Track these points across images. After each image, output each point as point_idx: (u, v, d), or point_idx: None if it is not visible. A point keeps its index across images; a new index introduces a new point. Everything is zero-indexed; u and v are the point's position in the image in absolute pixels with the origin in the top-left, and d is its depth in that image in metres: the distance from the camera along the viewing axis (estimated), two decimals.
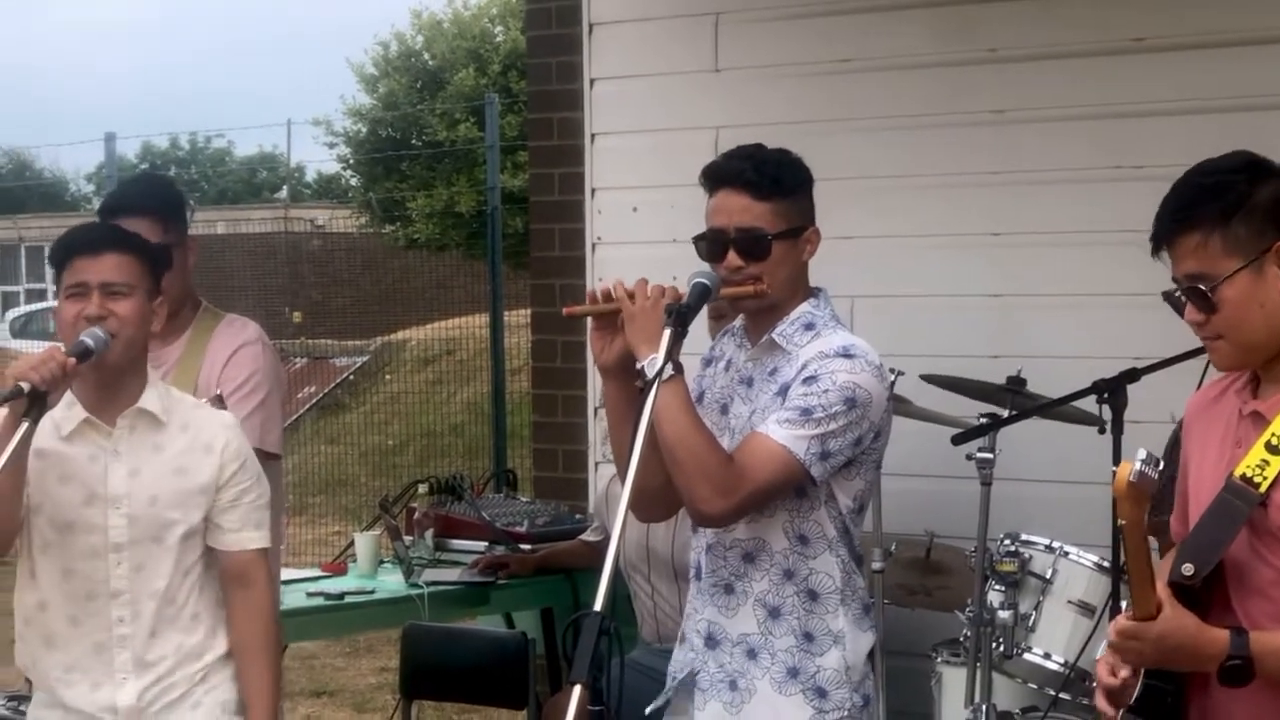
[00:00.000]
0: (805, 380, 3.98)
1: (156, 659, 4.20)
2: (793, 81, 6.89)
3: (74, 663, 4.20)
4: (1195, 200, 3.28)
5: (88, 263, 4.14)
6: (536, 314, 7.93)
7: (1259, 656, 3.14)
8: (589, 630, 3.29)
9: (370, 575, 6.83)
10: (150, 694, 4.20)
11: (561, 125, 7.60)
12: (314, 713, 9.49)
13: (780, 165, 4.12)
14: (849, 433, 3.97)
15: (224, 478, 4.20)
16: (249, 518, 4.25)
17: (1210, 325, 3.30)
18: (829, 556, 4.06)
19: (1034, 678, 5.49)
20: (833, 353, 4.00)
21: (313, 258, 24.12)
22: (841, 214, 6.39)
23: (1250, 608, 3.25)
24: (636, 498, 3.74)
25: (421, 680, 6.21)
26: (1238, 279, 3.25)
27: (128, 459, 4.16)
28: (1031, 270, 6.43)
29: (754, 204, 4.05)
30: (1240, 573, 3.27)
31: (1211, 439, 3.41)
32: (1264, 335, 3.28)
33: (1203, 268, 3.26)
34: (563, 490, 7.61)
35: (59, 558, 4.18)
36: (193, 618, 4.23)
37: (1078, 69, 6.35)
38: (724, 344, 4.28)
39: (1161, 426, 5.32)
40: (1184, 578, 3.23)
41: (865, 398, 3.98)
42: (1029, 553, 5.48)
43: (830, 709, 4.05)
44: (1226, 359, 3.35)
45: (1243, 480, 3.23)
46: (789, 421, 3.94)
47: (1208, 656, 3.16)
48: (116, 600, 4.16)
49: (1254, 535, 3.25)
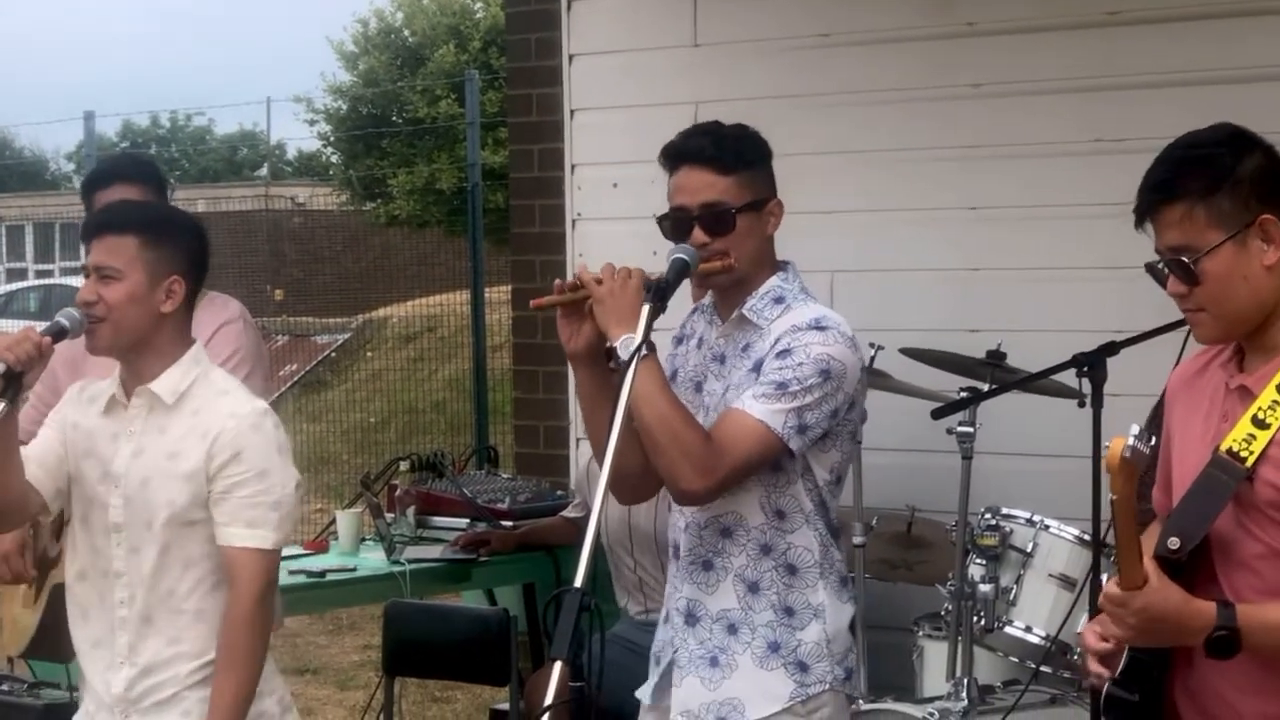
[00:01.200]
0: (779, 354, 3.98)
1: (148, 648, 4.13)
2: (772, 56, 6.88)
3: (99, 639, 4.18)
4: (1179, 172, 3.27)
5: (91, 245, 4.13)
6: (517, 290, 7.92)
7: (1246, 629, 3.14)
8: (569, 607, 3.29)
9: (352, 553, 6.82)
10: (140, 686, 4.12)
11: (541, 101, 7.59)
12: (297, 691, 9.46)
13: (740, 139, 4.12)
14: (825, 405, 3.97)
15: (213, 467, 4.06)
16: (239, 514, 4.07)
17: (1193, 298, 3.29)
18: (806, 530, 4.06)
19: (1015, 651, 5.50)
20: (805, 325, 3.99)
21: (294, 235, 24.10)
22: (820, 189, 6.42)
23: (1236, 581, 3.26)
24: (616, 482, 3.75)
25: (404, 657, 6.20)
26: (1221, 252, 3.24)
27: (137, 439, 4.13)
28: (1011, 244, 6.43)
29: (716, 179, 4.04)
30: (1226, 547, 3.27)
31: (1196, 412, 3.41)
32: (1247, 308, 3.27)
33: (1186, 240, 3.25)
34: (544, 466, 7.61)
35: (89, 532, 4.18)
36: (195, 614, 4.12)
37: (1055, 43, 6.35)
38: (694, 321, 4.28)
39: (1141, 400, 5.33)
40: (1170, 551, 3.23)
41: (840, 369, 3.98)
42: (1010, 526, 5.49)
43: (812, 682, 4.04)
44: (1209, 332, 3.34)
45: (1229, 454, 3.23)
46: (765, 396, 3.94)
47: (1194, 629, 3.16)
48: (119, 581, 4.13)
49: (1240, 509, 3.25)
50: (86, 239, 4.16)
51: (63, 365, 4.75)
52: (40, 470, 4.14)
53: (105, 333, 4.09)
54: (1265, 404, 3.23)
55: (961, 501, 5.55)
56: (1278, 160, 3.31)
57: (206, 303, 5.13)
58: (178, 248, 4.17)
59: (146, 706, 4.13)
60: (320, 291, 21.75)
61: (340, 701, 9.27)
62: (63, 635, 4.33)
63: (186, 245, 4.20)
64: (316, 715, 8.96)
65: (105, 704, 4.16)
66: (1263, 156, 3.29)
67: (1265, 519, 3.23)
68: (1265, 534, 3.23)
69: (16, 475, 4.07)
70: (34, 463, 4.12)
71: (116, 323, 4.08)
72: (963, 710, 5.30)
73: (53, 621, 5.01)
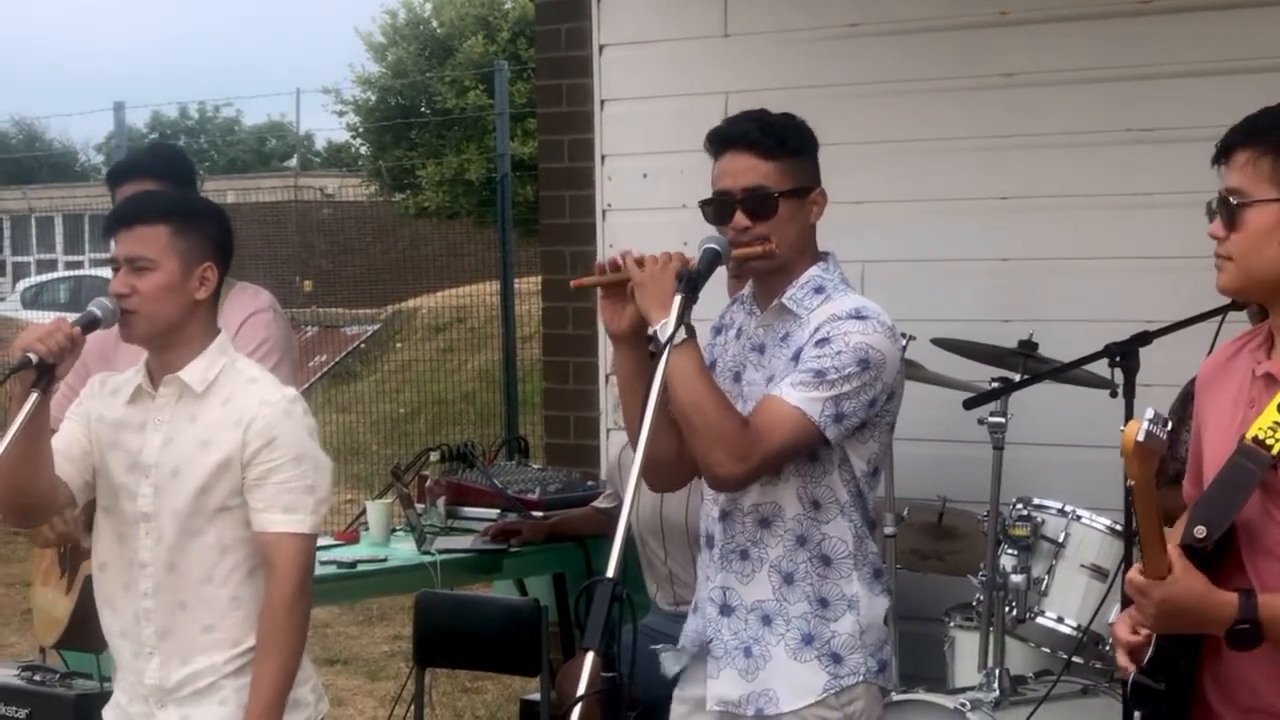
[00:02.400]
0: (818, 343, 3.97)
1: (184, 638, 4.13)
2: (802, 46, 6.87)
3: (125, 629, 4.19)
4: (1266, 123, 3.29)
5: (121, 236, 4.12)
6: (547, 281, 7.92)
7: (1267, 620, 3.14)
8: (601, 597, 3.28)
9: (383, 543, 6.82)
10: (176, 675, 4.13)
11: (571, 91, 7.59)
12: (328, 681, 9.47)
13: (785, 126, 4.13)
14: (863, 394, 3.96)
15: (248, 454, 4.07)
16: (277, 499, 4.08)
17: (1226, 244, 3.29)
18: (841, 521, 4.06)
19: (1047, 641, 5.50)
20: (845, 314, 3.99)
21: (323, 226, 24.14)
22: (852, 179, 6.39)
23: (1262, 569, 3.25)
24: (649, 467, 3.74)
25: (434, 648, 6.20)
26: (1268, 208, 3.24)
27: (166, 428, 4.13)
28: (1042, 234, 6.42)
29: (760, 163, 4.05)
30: (1252, 535, 3.26)
31: (1224, 400, 3.40)
32: (1270, 271, 3.27)
33: (1243, 185, 3.26)
34: (574, 457, 7.61)
35: (114, 522, 4.18)
36: (231, 600, 4.13)
37: (1088, 31, 6.33)
38: (734, 312, 4.28)
39: (1175, 390, 5.32)
40: (1196, 540, 3.22)
41: (879, 359, 3.98)
42: (1041, 517, 5.48)
43: (846, 674, 4.04)
44: (1230, 281, 3.32)
45: (1255, 443, 3.21)
46: (803, 384, 3.93)
47: (1216, 620, 3.16)
48: (144, 571, 4.13)
49: (1266, 497, 3.24)
50: (112, 231, 4.15)
51: (94, 356, 4.76)
52: (67, 463, 4.13)
53: (141, 323, 4.09)
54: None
55: (993, 492, 5.54)
56: None
57: (236, 293, 5.16)
58: (206, 235, 4.18)
59: (185, 696, 4.13)
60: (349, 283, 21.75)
61: (371, 692, 9.28)
62: (94, 626, 4.33)
63: (214, 232, 4.21)
64: (347, 706, 8.98)
65: (140, 694, 4.16)
66: None
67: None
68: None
69: (47, 467, 4.07)
70: (60, 455, 4.12)
71: (152, 313, 4.08)
72: (994, 701, 5.29)
73: (84, 612, 5.02)
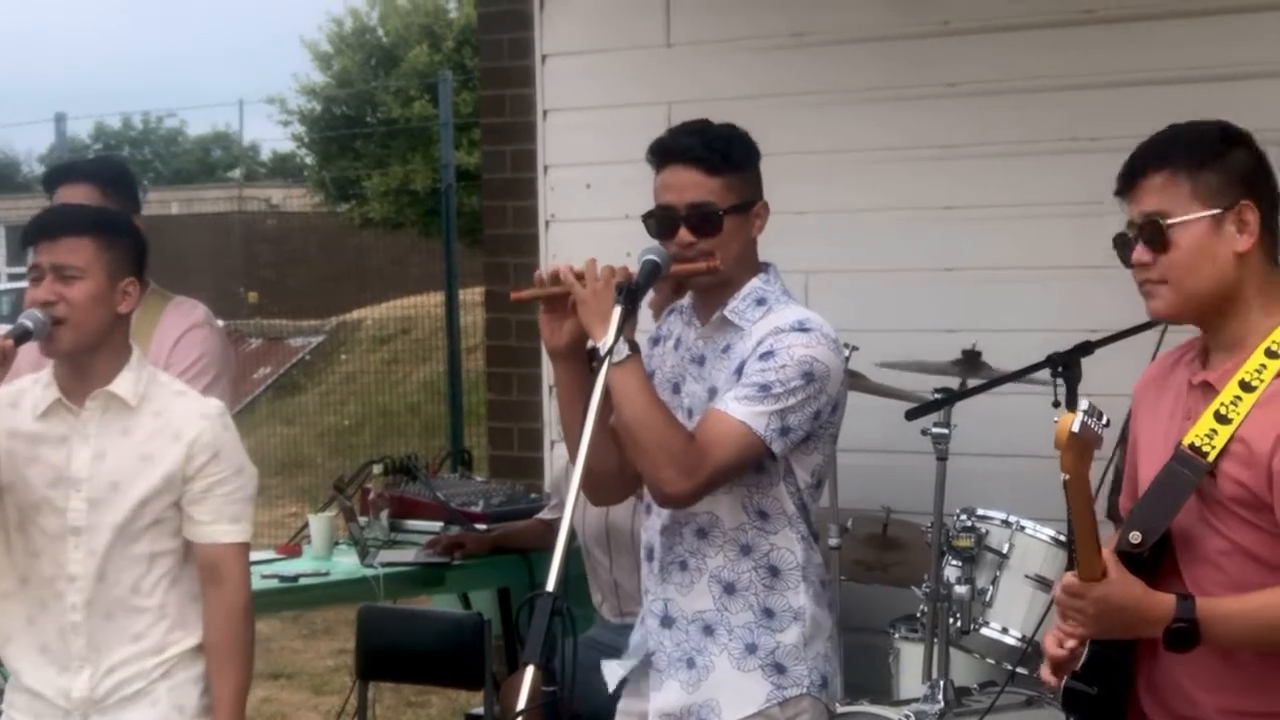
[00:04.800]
0: (762, 356, 3.96)
1: (111, 648, 4.13)
2: (745, 56, 6.85)
3: (45, 645, 4.17)
4: (1172, 144, 3.32)
5: (46, 246, 4.12)
6: (490, 292, 7.90)
7: (1205, 621, 3.15)
8: (541, 611, 3.28)
9: (325, 557, 6.78)
10: (105, 685, 4.13)
11: (513, 102, 7.56)
12: (271, 695, 9.45)
13: (729, 140, 4.10)
14: (807, 407, 3.96)
15: (192, 468, 4.11)
16: (223, 510, 4.15)
17: (1156, 267, 3.29)
18: (789, 532, 4.05)
19: (991, 653, 5.48)
20: (788, 327, 3.98)
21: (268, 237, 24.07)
22: (795, 188, 6.38)
23: (1199, 577, 3.26)
24: (590, 482, 3.74)
25: (378, 662, 6.18)
26: (1197, 225, 3.26)
27: (95, 441, 4.12)
28: (986, 243, 6.41)
29: (704, 179, 4.03)
30: (1189, 542, 3.27)
31: (1161, 412, 3.42)
32: (1207, 288, 3.28)
33: (1165, 205, 3.27)
34: (518, 469, 7.58)
35: (29, 538, 4.15)
36: (158, 609, 4.16)
37: (1031, 41, 6.33)
38: (671, 322, 4.25)
39: (1117, 400, 5.31)
40: (1132, 546, 3.24)
41: (823, 371, 3.97)
42: (985, 528, 5.47)
43: (789, 684, 4.04)
44: (1166, 305, 3.33)
45: (1191, 449, 3.23)
46: (748, 398, 3.92)
47: (1152, 620, 3.17)
48: (73, 585, 4.12)
49: (1203, 505, 3.25)
50: (35, 240, 4.12)
51: (30, 368, 4.71)
52: None
53: (67, 335, 4.06)
54: (1228, 399, 3.23)
55: (937, 503, 5.53)
56: (1265, 162, 3.34)
57: (172, 307, 5.15)
58: (129, 250, 4.20)
59: (111, 704, 4.15)
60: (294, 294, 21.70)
61: (315, 706, 9.24)
62: None
63: (135, 247, 4.24)
64: None
65: (60, 708, 4.14)
66: (1252, 154, 3.34)
67: (1228, 514, 3.23)
68: (1228, 529, 3.24)
69: None
70: None
71: (79, 324, 4.06)
72: (939, 712, 5.28)
73: None
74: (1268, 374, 3.22)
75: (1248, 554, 3.22)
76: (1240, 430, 3.20)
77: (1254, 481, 3.18)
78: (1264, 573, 3.21)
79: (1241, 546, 3.23)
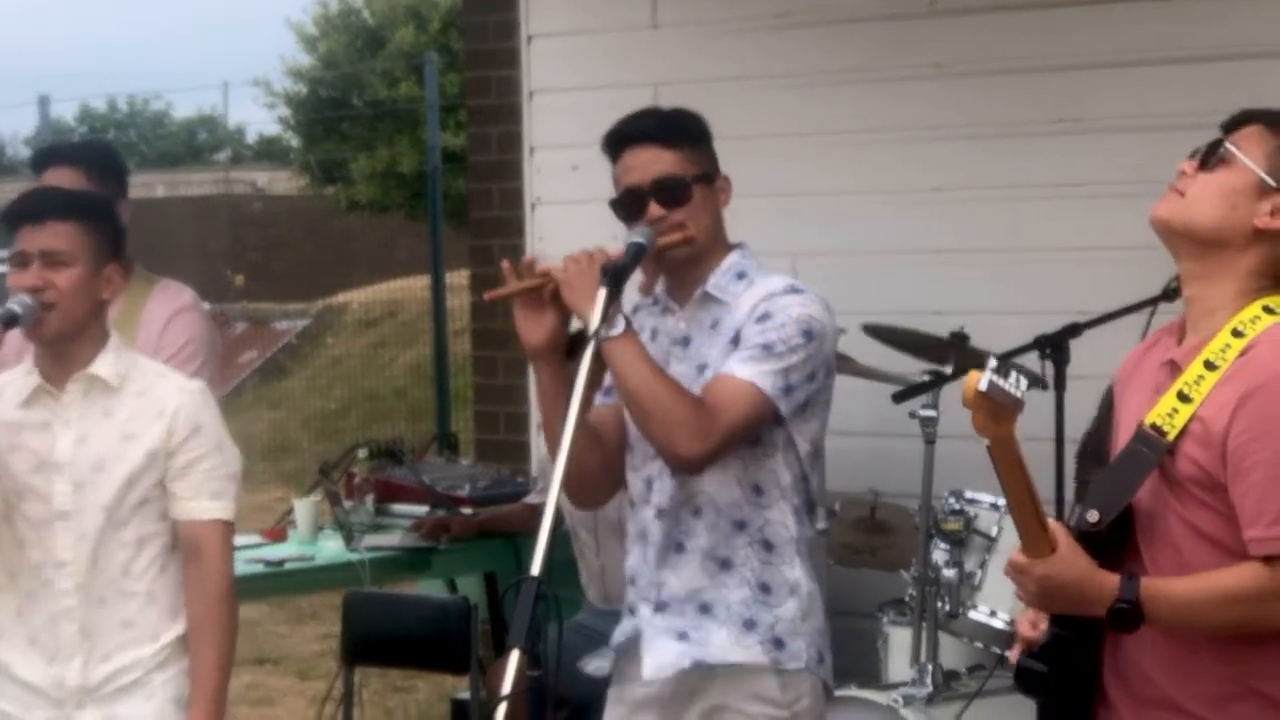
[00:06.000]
0: (760, 319, 3.98)
1: (104, 634, 4.11)
2: (731, 38, 6.83)
3: (34, 636, 4.15)
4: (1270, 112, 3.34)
5: (31, 230, 4.10)
6: (475, 275, 7.87)
7: (1149, 600, 3.13)
8: (526, 595, 3.27)
9: (310, 541, 6.75)
10: (99, 672, 4.11)
11: (499, 83, 7.53)
12: (257, 680, 9.42)
13: (682, 116, 4.17)
14: (807, 365, 3.97)
15: (174, 443, 4.10)
16: (204, 486, 4.14)
17: (1187, 180, 3.30)
18: (783, 505, 4.05)
19: (979, 636, 5.47)
20: (780, 290, 4.02)
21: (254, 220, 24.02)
22: (782, 170, 6.38)
23: (1158, 557, 3.25)
24: (575, 484, 3.74)
25: (363, 647, 6.16)
26: (1242, 173, 3.27)
27: (77, 425, 4.11)
28: (973, 225, 6.40)
29: (664, 153, 4.05)
30: (1148, 522, 3.26)
31: (1136, 390, 3.41)
32: (1207, 226, 3.27)
33: (1241, 144, 3.28)
34: (505, 452, 7.56)
35: (14, 529, 4.14)
36: (148, 594, 4.14)
37: (1017, 22, 6.31)
38: (640, 318, 4.21)
39: (1104, 383, 5.30)
40: (1088, 525, 3.23)
41: (820, 329, 4.00)
42: (974, 511, 5.45)
43: (788, 658, 4.03)
44: (1167, 212, 3.32)
45: (1152, 429, 3.22)
46: (752, 359, 3.94)
47: (1095, 599, 3.15)
48: (62, 570, 4.10)
49: (1164, 485, 3.24)
50: (20, 223, 4.10)
51: (15, 355, 4.70)
52: None
53: (56, 320, 4.06)
54: (1191, 379, 3.22)
55: (925, 486, 5.52)
56: None
57: (159, 291, 5.13)
58: (110, 236, 4.20)
59: (108, 694, 4.11)
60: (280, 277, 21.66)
61: (301, 692, 9.21)
62: None
63: (116, 233, 4.23)
64: (277, 705, 8.91)
65: (53, 699, 4.10)
66: None
67: (1186, 495, 3.21)
68: (1185, 510, 3.22)
69: None
70: None
71: (69, 308, 4.06)
72: (927, 696, 5.28)
73: None
74: (1231, 353, 3.20)
75: (1202, 535, 3.20)
76: (1200, 410, 3.19)
77: (1209, 461, 3.17)
78: (1218, 555, 3.18)
79: (1196, 528, 3.21)
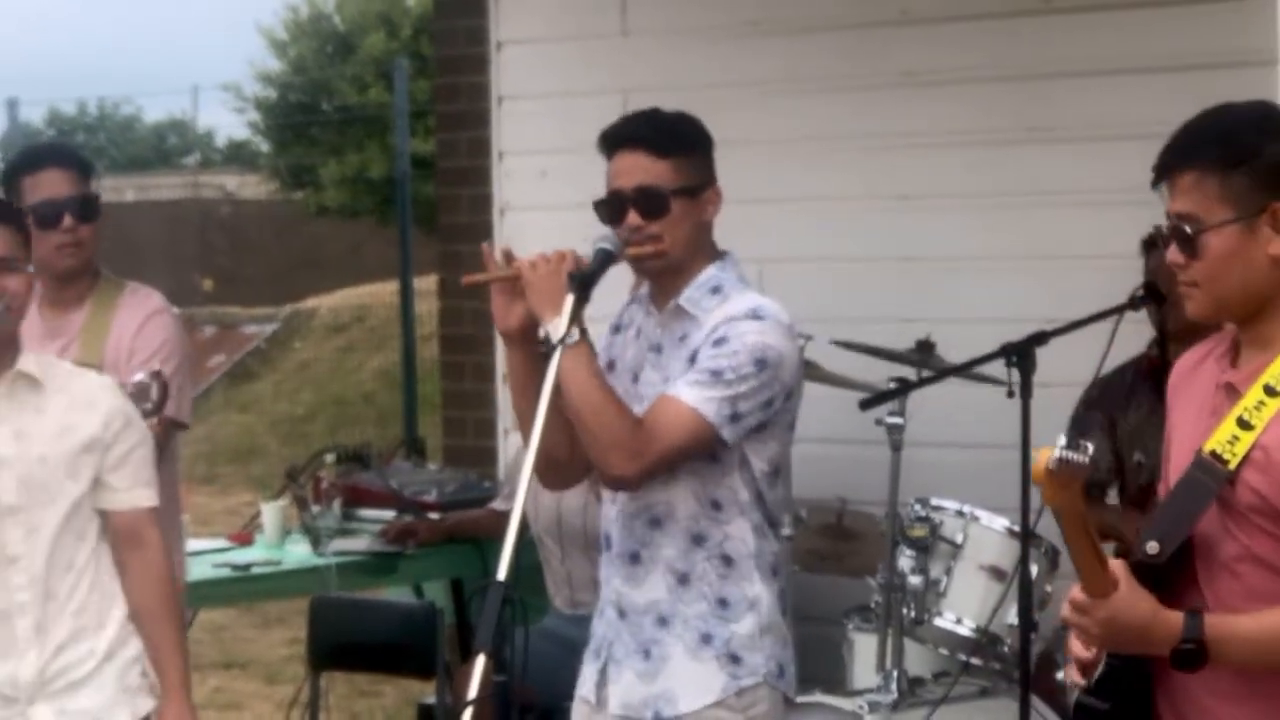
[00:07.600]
0: (715, 342, 3.96)
1: (58, 625, 4.12)
2: (701, 44, 6.84)
3: None
4: (1202, 140, 3.16)
5: None
6: (444, 280, 7.86)
7: (1214, 640, 3.04)
8: (492, 600, 3.28)
9: (277, 546, 6.75)
10: (54, 665, 4.11)
11: (468, 89, 7.52)
12: (224, 684, 9.41)
13: (677, 123, 4.13)
14: (760, 394, 3.95)
15: (110, 434, 4.13)
16: (139, 475, 4.19)
17: (1190, 270, 3.17)
18: (742, 521, 4.04)
19: (945, 643, 5.48)
20: (741, 315, 3.98)
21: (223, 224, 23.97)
22: (751, 177, 6.37)
23: (1218, 586, 3.16)
24: (542, 466, 3.74)
25: (330, 652, 6.15)
26: (1227, 230, 3.12)
27: (11, 421, 4.10)
28: (941, 233, 6.41)
29: (651, 162, 4.03)
30: (1208, 551, 3.17)
31: (1191, 407, 3.31)
32: (1238, 293, 3.15)
33: (1194, 209, 3.13)
34: (472, 458, 7.55)
35: None
36: (91, 584, 4.15)
37: (989, 30, 6.32)
38: (632, 311, 4.25)
39: (1070, 390, 5.33)
40: (1148, 556, 3.13)
41: (776, 358, 3.96)
42: (939, 518, 5.46)
43: (744, 674, 4.03)
44: (1200, 307, 3.20)
45: (1212, 456, 3.13)
46: (699, 383, 3.92)
47: (1160, 639, 3.06)
48: (15, 566, 4.09)
49: (1224, 513, 3.15)
50: None
51: None
52: None
53: (14, 323, 4.08)
54: (1251, 404, 3.12)
55: (891, 493, 5.52)
56: None
57: (129, 294, 5.15)
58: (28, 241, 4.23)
59: (60, 688, 4.12)
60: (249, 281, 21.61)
61: (268, 696, 9.20)
62: None
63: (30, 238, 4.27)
64: (244, 710, 8.90)
65: (6, 696, 4.11)
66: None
67: (1247, 523, 3.13)
68: (1245, 537, 3.13)
69: None
70: None
71: (19, 311, 4.11)
72: (893, 702, 5.28)
73: None
74: None
75: (1262, 562, 3.13)
76: (1262, 437, 3.09)
77: (1270, 489, 3.08)
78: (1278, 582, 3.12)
79: (1258, 557, 3.13)
